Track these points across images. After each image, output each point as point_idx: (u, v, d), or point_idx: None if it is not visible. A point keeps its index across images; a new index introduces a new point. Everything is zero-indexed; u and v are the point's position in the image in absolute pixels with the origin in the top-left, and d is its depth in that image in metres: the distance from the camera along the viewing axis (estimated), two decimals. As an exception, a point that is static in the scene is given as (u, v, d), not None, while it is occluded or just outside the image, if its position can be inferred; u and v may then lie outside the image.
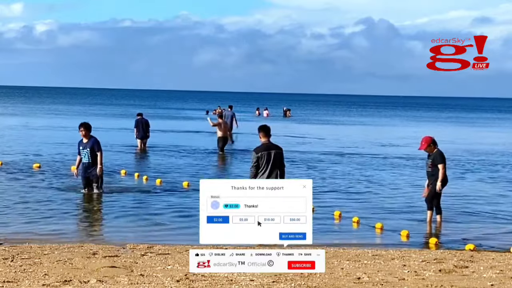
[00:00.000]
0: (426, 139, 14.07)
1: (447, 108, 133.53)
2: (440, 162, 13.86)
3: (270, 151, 12.59)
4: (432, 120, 74.38)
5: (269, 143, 12.74)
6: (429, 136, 14.19)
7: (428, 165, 14.04)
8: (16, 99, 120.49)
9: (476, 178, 22.62)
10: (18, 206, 15.20)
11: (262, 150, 12.61)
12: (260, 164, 12.55)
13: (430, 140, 14.02)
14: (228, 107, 43.37)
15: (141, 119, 29.75)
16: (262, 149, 12.63)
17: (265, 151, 12.59)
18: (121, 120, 56.03)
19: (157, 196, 17.33)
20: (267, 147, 12.66)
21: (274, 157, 12.57)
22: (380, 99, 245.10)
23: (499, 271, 9.44)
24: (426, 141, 14.02)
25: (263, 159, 12.55)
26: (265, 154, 12.57)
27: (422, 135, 14.91)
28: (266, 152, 12.58)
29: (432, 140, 14.05)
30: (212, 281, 8.37)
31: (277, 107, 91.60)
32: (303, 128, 51.68)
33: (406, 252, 11.24)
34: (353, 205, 16.52)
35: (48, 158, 24.39)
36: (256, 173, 12.58)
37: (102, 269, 9.04)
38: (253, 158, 12.64)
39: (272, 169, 12.56)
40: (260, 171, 12.58)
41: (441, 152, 13.99)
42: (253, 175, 12.57)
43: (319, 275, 8.89)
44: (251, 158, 12.78)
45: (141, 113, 30.70)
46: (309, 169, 23.85)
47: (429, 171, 13.98)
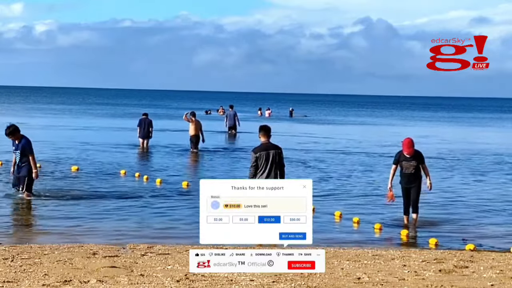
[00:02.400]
0: (410, 142, 13.77)
1: (454, 108, 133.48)
2: (424, 162, 13.91)
3: (269, 151, 12.61)
4: (444, 120, 74.42)
5: (268, 143, 12.75)
6: (410, 138, 13.93)
7: (411, 167, 13.80)
8: (13, 98, 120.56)
9: (476, 178, 22.62)
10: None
11: (261, 150, 12.63)
12: (259, 164, 12.58)
13: (413, 143, 13.84)
14: (229, 107, 43.56)
15: (145, 119, 30.26)
16: (261, 149, 12.65)
17: (264, 151, 12.61)
18: (121, 120, 56.01)
19: (157, 196, 17.33)
20: (266, 147, 12.68)
21: (273, 157, 12.58)
22: (381, 99, 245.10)
23: (499, 271, 9.44)
24: (411, 144, 13.76)
25: (262, 159, 12.57)
26: (264, 154, 12.58)
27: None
28: (264, 152, 12.60)
29: (413, 142, 13.91)
30: (212, 281, 8.37)
31: (278, 107, 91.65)
32: (320, 128, 51.68)
33: (406, 252, 11.24)
34: (354, 205, 16.53)
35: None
36: (255, 173, 12.61)
37: (102, 269, 9.04)
38: (252, 158, 12.67)
39: (271, 169, 12.57)
40: (259, 171, 12.60)
41: (420, 152, 14.00)
42: (252, 175, 12.60)
43: (319, 275, 8.89)
44: (250, 158, 12.81)
45: (146, 113, 31.34)
46: (308, 168, 23.86)
47: (413, 173, 13.79)
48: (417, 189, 13.88)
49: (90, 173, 21.11)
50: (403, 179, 13.97)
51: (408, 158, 13.82)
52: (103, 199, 16.45)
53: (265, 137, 12.79)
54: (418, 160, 13.82)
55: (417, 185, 13.88)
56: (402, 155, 13.89)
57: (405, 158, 13.85)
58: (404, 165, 13.88)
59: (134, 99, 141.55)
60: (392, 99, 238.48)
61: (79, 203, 15.85)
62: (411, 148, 13.76)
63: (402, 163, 13.88)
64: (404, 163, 13.87)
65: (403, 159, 13.87)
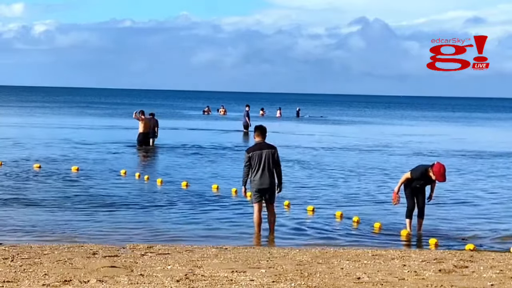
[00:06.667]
0: (444, 172, 12.91)
1: (453, 108, 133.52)
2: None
3: (262, 151, 12.61)
4: (444, 120, 74.41)
5: (262, 143, 12.75)
6: (443, 167, 12.97)
7: (420, 184, 13.20)
8: (3, 97, 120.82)
9: (476, 178, 22.62)
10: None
11: (254, 150, 12.65)
12: (252, 164, 12.60)
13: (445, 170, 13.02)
14: (245, 106, 45.12)
15: (150, 119, 30.76)
16: (254, 149, 12.67)
17: (257, 151, 12.63)
18: (121, 120, 56.03)
19: (158, 196, 17.33)
20: (259, 147, 12.69)
21: (266, 157, 12.58)
22: (380, 98, 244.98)
23: (499, 271, 9.44)
24: (444, 173, 12.92)
25: (255, 159, 12.58)
26: (257, 154, 12.59)
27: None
28: (257, 152, 12.61)
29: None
30: (212, 281, 8.37)
31: (284, 108, 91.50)
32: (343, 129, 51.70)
33: (406, 252, 11.24)
34: (354, 205, 16.53)
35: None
36: (248, 173, 12.64)
37: (102, 269, 9.04)
38: (245, 158, 12.71)
39: (264, 168, 12.56)
40: (252, 170, 12.62)
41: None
42: (245, 175, 12.65)
43: (319, 274, 8.90)
44: (244, 158, 12.83)
45: (153, 113, 31.88)
46: (308, 168, 23.86)
47: (418, 187, 13.23)
48: (425, 194, 13.40)
49: (90, 173, 21.10)
50: (412, 182, 13.34)
51: (429, 182, 13.14)
52: (103, 199, 16.45)
53: (260, 137, 12.80)
54: (429, 183, 13.26)
55: (424, 197, 13.38)
56: (425, 175, 13.09)
57: (425, 180, 13.14)
58: (418, 182, 13.26)
59: (133, 99, 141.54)
60: (391, 99, 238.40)
61: (79, 203, 15.85)
62: (444, 178, 13.02)
63: (417, 179, 13.20)
64: (419, 181, 13.21)
65: (422, 179, 13.14)
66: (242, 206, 15.90)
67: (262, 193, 12.66)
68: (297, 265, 9.58)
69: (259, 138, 12.81)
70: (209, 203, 16.32)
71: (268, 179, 12.58)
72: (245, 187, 12.73)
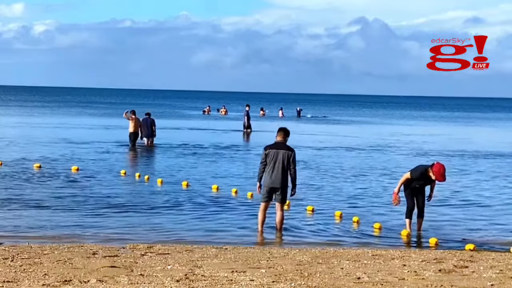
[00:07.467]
0: (444, 172, 12.92)
1: (453, 108, 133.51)
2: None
3: (279, 151, 12.81)
4: (443, 120, 74.41)
5: (281, 143, 12.93)
6: (443, 167, 12.99)
7: (419, 184, 13.22)
8: (3, 97, 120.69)
9: (476, 178, 22.62)
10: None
11: (271, 148, 12.89)
12: (267, 161, 12.81)
13: (445, 170, 13.03)
14: (246, 106, 45.31)
15: (147, 119, 30.90)
16: (271, 147, 12.90)
17: (274, 149, 12.85)
18: (121, 120, 55.96)
19: (158, 196, 17.33)
20: (277, 146, 12.91)
21: (282, 157, 12.76)
22: (379, 98, 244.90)
23: (499, 271, 9.44)
24: (444, 173, 12.94)
25: (270, 157, 12.81)
26: (273, 152, 12.81)
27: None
28: (274, 151, 12.82)
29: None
30: (212, 281, 8.37)
31: (275, 107, 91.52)
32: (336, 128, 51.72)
33: (406, 252, 11.24)
34: (354, 205, 16.52)
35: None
36: (264, 170, 12.87)
37: (102, 269, 9.04)
38: (262, 155, 12.98)
39: (278, 168, 12.74)
40: (266, 168, 12.84)
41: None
42: (261, 171, 12.92)
43: (319, 274, 8.90)
44: (261, 154, 13.08)
45: (149, 113, 32.00)
46: (308, 168, 23.86)
47: (418, 187, 13.24)
48: (425, 194, 13.38)
49: (90, 173, 21.10)
50: (412, 183, 13.33)
51: (429, 182, 13.17)
52: (103, 199, 16.45)
53: (281, 137, 13.01)
54: (429, 183, 13.29)
55: (424, 197, 13.37)
56: (425, 175, 13.11)
57: (425, 180, 13.17)
58: (417, 182, 13.27)
59: (133, 99, 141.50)
60: (390, 99, 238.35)
61: (79, 203, 15.85)
62: (444, 177, 13.02)
63: (417, 179, 13.21)
64: (419, 181, 13.22)
65: (422, 179, 13.17)
66: (242, 206, 15.91)
67: (272, 191, 12.82)
68: (297, 265, 9.58)
69: (280, 138, 13.01)
70: (209, 203, 16.32)
71: (280, 178, 12.74)
72: (259, 182, 12.95)
